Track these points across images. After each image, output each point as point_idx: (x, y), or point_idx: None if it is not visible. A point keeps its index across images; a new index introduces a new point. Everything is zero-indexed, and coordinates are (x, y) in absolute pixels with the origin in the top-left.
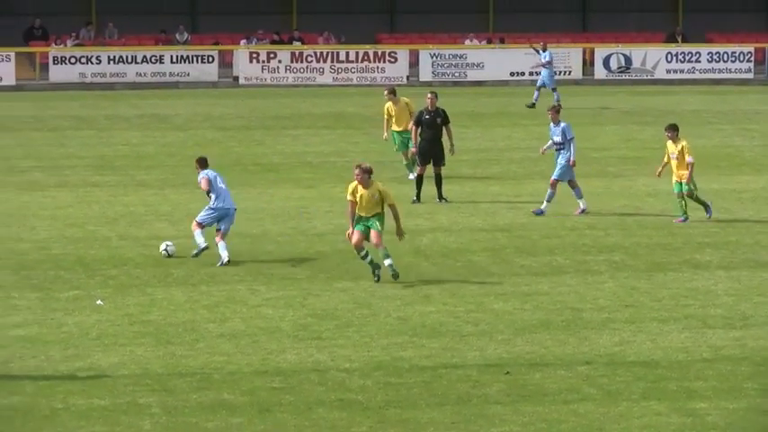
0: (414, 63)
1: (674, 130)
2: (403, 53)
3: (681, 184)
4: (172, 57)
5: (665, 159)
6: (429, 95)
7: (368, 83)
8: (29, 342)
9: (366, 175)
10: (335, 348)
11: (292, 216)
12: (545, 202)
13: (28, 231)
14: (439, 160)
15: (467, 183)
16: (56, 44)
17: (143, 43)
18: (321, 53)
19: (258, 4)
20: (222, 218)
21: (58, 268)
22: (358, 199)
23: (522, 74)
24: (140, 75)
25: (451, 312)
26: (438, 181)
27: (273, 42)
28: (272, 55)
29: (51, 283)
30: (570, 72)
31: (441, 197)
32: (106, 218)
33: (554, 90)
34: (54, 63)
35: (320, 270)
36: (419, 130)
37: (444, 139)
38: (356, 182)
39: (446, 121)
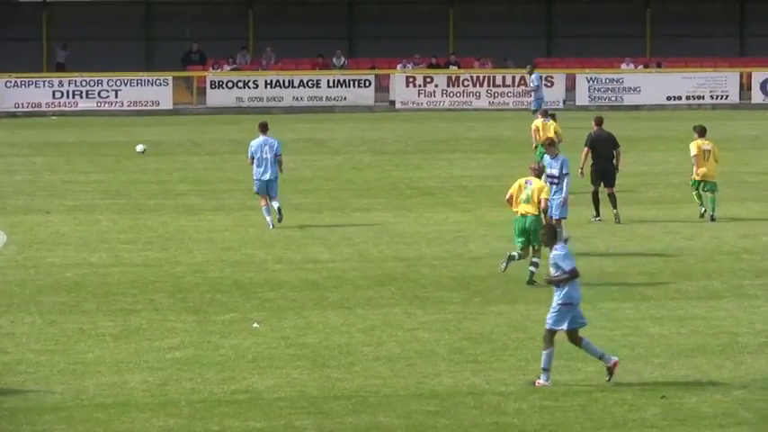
0: (570, 87)
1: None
2: (560, 77)
3: None
4: (329, 81)
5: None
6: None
7: (524, 107)
8: (185, 365)
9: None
10: (491, 372)
11: (448, 240)
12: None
13: (185, 254)
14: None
15: (624, 207)
16: (213, 68)
17: (300, 68)
18: (477, 77)
19: (415, 28)
20: (267, 187)
21: (215, 291)
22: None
23: (680, 98)
24: (297, 99)
25: (607, 336)
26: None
27: (430, 66)
28: (428, 79)
29: (208, 306)
30: (727, 96)
31: (617, 218)
32: (263, 241)
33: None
34: (211, 87)
35: (475, 293)
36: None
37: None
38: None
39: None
